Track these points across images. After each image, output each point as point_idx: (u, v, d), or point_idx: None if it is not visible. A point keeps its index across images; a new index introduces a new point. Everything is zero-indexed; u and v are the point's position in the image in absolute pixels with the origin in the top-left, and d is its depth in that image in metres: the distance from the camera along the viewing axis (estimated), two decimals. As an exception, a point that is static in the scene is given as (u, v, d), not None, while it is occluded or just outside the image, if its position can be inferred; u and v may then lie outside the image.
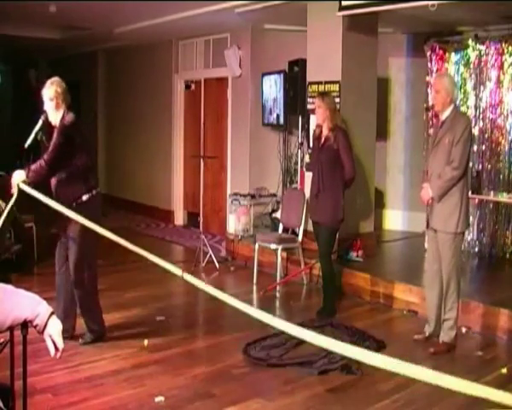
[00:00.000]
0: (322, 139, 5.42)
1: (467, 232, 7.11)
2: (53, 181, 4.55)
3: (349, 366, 4.23)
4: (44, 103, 4.58)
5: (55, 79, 4.65)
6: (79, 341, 4.62)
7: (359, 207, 6.84)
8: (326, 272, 5.48)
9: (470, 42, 7.18)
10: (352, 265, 6.42)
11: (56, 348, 2.15)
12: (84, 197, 4.50)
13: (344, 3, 6.04)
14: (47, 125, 4.60)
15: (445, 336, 4.63)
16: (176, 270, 3.02)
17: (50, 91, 4.56)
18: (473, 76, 7.22)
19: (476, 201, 7.04)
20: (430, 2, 5.19)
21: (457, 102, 6.76)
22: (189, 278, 2.99)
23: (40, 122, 4.58)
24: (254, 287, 6.44)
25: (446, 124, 4.55)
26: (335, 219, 5.38)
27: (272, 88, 7.92)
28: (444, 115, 4.60)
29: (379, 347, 4.66)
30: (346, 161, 5.34)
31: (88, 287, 4.60)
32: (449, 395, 3.95)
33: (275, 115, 7.92)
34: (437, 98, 4.62)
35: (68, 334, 4.46)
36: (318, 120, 5.44)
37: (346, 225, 5.65)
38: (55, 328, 2.14)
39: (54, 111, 4.57)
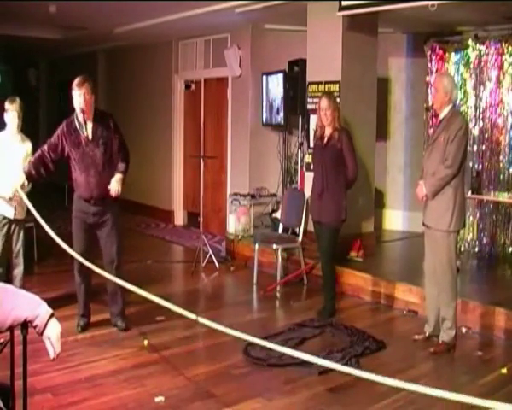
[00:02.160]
0: (325, 139, 5.40)
1: (467, 232, 7.14)
2: (96, 175, 4.76)
3: (349, 366, 4.23)
4: (78, 99, 4.73)
5: (84, 76, 4.89)
6: (123, 326, 4.98)
7: (360, 208, 6.84)
8: (327, 272, 5.48)
9: (470, 42, 7.19)
10: (352, 265, 6.41)
11: (54, 351, 2.15)
12: None
13: (344, 3, 6.04)
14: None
15: (445, 335, 4.64)
16: (190, 315, 3.25)
17: (90, 85, 4.81)
18: (473, 76, 7.22)
19: (476, 201, 7.04)
20: (430, 2, 5.19)
21: (457, 103, 6.78)
22: (203, 321, 3.45)
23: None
24: (254, 287, 6.43)
25: (443, 123, 4.59)
26: (338, 219, 5.37)
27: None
28: (442, 114, 4.63)
29: (379, 347, 4.66)
30: (349, 162, 5.32)
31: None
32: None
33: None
34: (435, 97, 4.67)
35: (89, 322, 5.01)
36: (326, 121, 5.34)
37: (346, 225, 5.64)
38: (54, 331, 2.15)
39: (92, 105, 4.80)
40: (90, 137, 4.74)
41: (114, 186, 4.75)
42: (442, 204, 4.53)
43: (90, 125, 4.76)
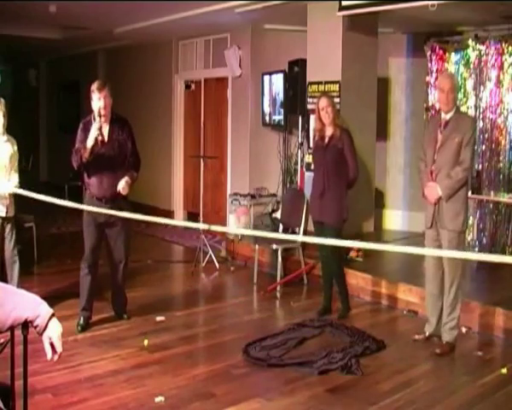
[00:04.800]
0: (327, 139, 5.38)
1: (467, 232, 7.14)
2: (109, 176, 4.88)
3: (349, 366, 4.23)
4: (98, 102, 4.79)
5: (104, 80, 5.06)
6: (125, 317, 5.23)
7: (360, 208, 6.84)
8: (338, 272, 5.46)
9: (470, 42, 7.18)
10: (352, 265, 6.41)
11: (54, 351, 2.15)
12: None
13: (344, 3, 6.05)
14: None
15: (448, 336, 4.62)
16: (197, 225, 3.30)
17: (110, 89, 4.86)
18: (473, 76, 7.22)
19: (476, 201, 7.04)
20: (430, 2, 5.19)
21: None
22: (213, 227, 3.50)
23: (98, 120, 4.81)
24: (254, 287, 6.43)
25: (451, 124, 4.52)
26: (340, 219, 5.35)
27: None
28: (448, 115, 4.56)
29: (379, 347, 4.66)
30: (350, 162, 5.31)
31: None
32: (449, 394, 3.98)
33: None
34: (448, 98, 4.52)
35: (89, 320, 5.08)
36: (327, 119, 5.31)
37: (346, 224, 5.64)
38: (55, 331, 2.14)
39: (110, 108, 4.88)
40: (106, 138, 4.86)
41: (123, 184, 4.87)
42: (457, 205, 4.51)
43: (106, 127, 4.87)
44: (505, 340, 4.90)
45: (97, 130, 4.72)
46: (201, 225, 3.58)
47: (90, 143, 4.71)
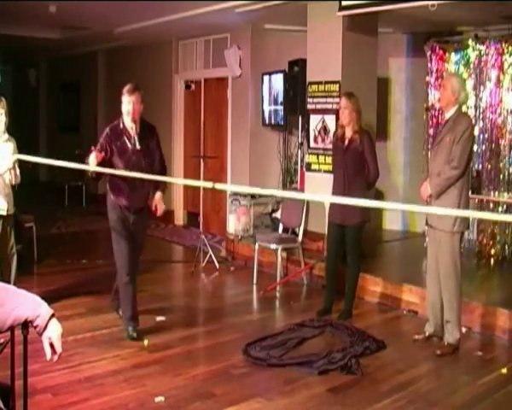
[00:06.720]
0: (347, 141, 5.32)
1: (467, 232, 7.13)
2: (140, 184, 4.71)
3: (349, 366, 4.23)
4: (127, 106, 4.62)
5: (136, 84, 4.75)
6: (134, 336, 4.77)
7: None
8: (356, 274, 5.43)
9: (470, 42, 7.18)
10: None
11: (54, 352, 2.15)
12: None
13: (344, 3, 6.05)
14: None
15: (450, 337, 4.61)
16: (206, 184, 3.37)
17: (141, 94, 4.68)
18: (473, 76, 7.21)
19: (476, 201, 7.04)
20: (430, 2, 5.19)
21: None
22: (219, 186, 3.37)
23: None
24: (254, 287, 6.43)
25: (449, 123, 4.56)
26: (364, 220, 5.32)
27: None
28: (448, 115, 4.60)
29: (379, 347, 4.66)
30: (370, 164, 5.27)
31: None
32: (449, 394, 3.98)
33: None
34: (443, 95, 4.61)
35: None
36: (343, 121, 5.29)
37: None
38: (54, 331, 2.14)
39: (140, 114, 4.71)
40: (138, 146, 4.68)
41: (162, 206, 4.83)
42: (447, 204, 4.50)
43: (136, 135, 4.69)
44: (505, 340, 4.90)
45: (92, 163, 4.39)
46: (206, 184, 3.54)
47: (90, 168, 4.39)
